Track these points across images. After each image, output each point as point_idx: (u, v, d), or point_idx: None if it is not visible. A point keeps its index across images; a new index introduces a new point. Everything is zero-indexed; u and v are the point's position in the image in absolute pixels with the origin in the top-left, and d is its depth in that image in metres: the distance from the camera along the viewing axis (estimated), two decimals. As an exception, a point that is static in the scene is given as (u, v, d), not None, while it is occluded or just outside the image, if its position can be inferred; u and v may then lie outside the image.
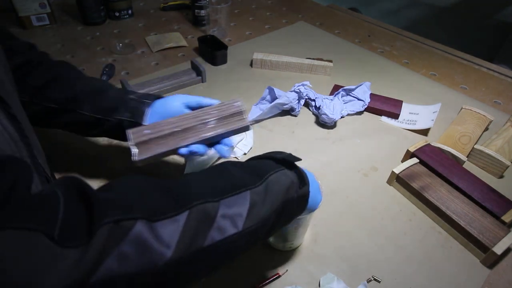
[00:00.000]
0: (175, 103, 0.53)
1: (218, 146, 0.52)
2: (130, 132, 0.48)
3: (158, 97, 0.56)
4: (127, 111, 0.53)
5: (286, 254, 0.53)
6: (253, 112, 0.78)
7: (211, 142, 0.51)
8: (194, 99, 0.54)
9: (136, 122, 0.53)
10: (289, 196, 0.40)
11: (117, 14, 1.17)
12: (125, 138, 0.49)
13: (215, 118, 0.51)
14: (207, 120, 0.50)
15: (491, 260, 0.52)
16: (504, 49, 1.72)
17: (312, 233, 0.56)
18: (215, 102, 0.53)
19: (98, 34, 1.10)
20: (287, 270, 0.51)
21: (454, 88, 0.93)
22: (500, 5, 1.69)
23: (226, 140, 0.52)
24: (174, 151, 0.49)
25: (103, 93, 0.54)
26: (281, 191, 0.39)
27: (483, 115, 0.77)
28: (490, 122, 0.78)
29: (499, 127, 0.76)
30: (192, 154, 0.49)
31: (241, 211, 0.35)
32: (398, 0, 1.95)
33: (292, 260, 0.52)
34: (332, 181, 0.65)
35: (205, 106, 0.53)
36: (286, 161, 0.42)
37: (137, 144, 0.48)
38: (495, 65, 1.04)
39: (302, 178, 0.42)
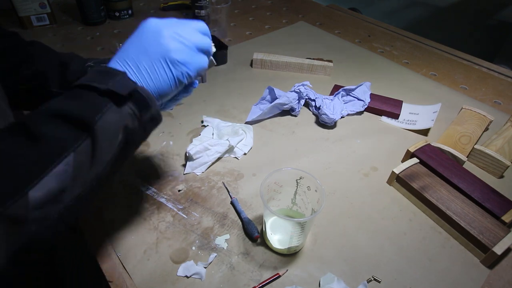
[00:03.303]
0: None
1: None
2: None
3: None
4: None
5: (286, 255, 0.53)
6: (253, 112, 0.78)
7: None
8: None
9: None
10: (129, 131, 0.35)
11: (117, 14, 1.17)
12: None
13: None
14: None
15: (491, 260, 0.52)
16: (504, 49, 1.72)
17: (312, 233, 0.56)
18: None
19: (98, 34, 1.10)
20: (287, 270, 0.51)
21: (454, 88, 0.93)
22: (500, 5, 1.69)
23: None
24: None
25: (68, 67, 0.53)
26: (115, 135, 0.34)
27: (483, 115, 0.77)
28: (490, 122, 0.78)
29: (499, 127, 0.76)
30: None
31: (62, 186, 0.30)
32: (398, 0, 1.95)
33: (292, 260, 0.52)
34: (332, 181, 0.65)
35: None
36: (114, 93, 0.34)
37: None
38: (495, 65, 1.04)
39: (144, 105, 0.36)
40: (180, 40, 0.40)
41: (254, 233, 0.54)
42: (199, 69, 0.42)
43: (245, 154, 0.69)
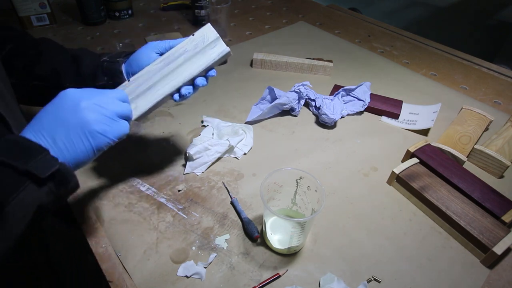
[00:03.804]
0: (149, 54, 0.52)
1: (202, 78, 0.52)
2: None
3: (129, 53, 0.55)
4: (104, 74, 0.53)
5: (286, 255, 0.53)
6: (253, 112, 0.78)
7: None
8: (165, 44, 0.53)
9: (116, 84, 0.52)
10: (43, 207, 0.34)
11: (117, 14, 1.17)
12: None
13: (193, 54, 0.51)
14: (186, 59, 0.51)
15: (491, 260, 0.52)
16: (504, 49, 1.72)
17: (312, 233, 0.56)
18: (185, 39, 0.52)
19: (98, 34, 1.10)
20: (287, 270, 0.51)
21: (454, 88, 0.93)
22: (500, 5, 1.69)
23: (211, 72, 0.53)
24: (166, 99, 0.50)
25: (81, 62, 0.54)
26: (28, 213, 0.33)
27: (483, 115, 0.77)
28: (490, 122, 0.78)
29: (499, 127, 0.76)
30: (184, 98, 0.50)
31: None
32: (398, 0, 1.95)
33: (292, 260, 0.52)
34: (332, 181, 0.65)
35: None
36: (32, 174, 0.32)
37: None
38: (495, 65, 1.04)
39: (63, 182, 0.35)
40: (99, 110, 0.39)
41: (254, 233, 0.54)
42: (120, 136, 0.41)
43: (245, 154, 0.69)
